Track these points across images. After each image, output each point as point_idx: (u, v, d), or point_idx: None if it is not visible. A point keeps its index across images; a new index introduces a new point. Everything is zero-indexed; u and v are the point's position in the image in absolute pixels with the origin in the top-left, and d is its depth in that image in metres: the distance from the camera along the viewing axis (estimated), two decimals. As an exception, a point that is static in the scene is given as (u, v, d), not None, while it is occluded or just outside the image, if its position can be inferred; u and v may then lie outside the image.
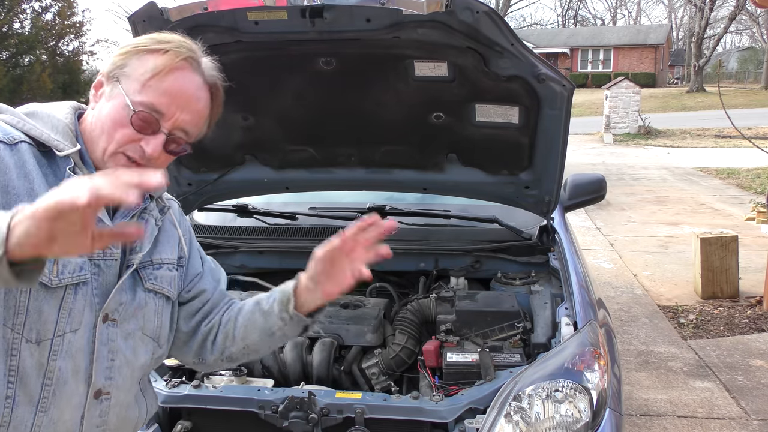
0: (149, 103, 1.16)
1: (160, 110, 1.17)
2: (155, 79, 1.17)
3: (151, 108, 1.17)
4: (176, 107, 1.18)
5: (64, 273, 1.12)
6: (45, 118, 1.20)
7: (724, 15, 40.08)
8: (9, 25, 12.59)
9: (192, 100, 1.21)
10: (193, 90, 1.21)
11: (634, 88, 19.61)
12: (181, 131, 1.21)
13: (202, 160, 2.70)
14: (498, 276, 2.64)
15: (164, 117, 1.18)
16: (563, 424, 1.74)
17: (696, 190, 10.99)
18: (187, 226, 1.47)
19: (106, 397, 1.21)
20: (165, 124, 1.18)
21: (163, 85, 1.17)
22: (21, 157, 1.12)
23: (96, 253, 1.17)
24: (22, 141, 1.14)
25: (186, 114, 1.20)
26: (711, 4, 34.86)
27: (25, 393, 1.11)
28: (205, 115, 1.26)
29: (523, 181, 2.61)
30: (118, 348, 1.22)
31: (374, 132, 2.51)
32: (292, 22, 1.90)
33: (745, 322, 4.98)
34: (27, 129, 1.16)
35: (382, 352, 2.25)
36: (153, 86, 1.17)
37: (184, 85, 1.20)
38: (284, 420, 1.85)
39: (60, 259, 1.11)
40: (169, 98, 1.18)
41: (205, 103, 1.25)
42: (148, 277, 1.29)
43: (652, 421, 3.54)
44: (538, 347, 2.14)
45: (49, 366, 1.12)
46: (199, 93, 1.23)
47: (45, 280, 1.09)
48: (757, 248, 6.77)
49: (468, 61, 2.08)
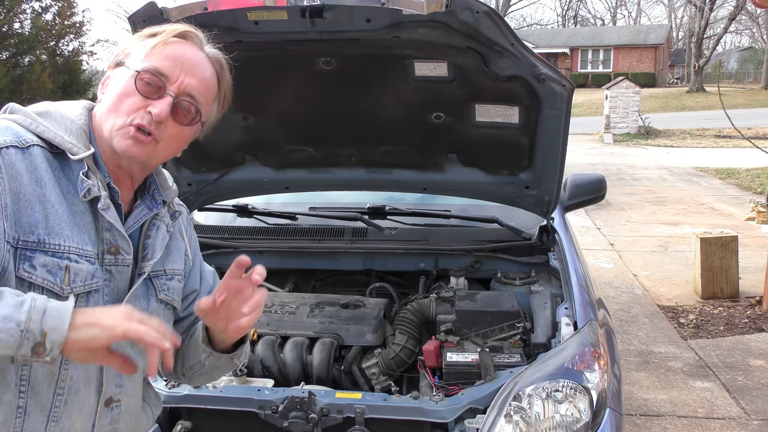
0: (153, 66, 1.15)
1: (165, 73, 1.15)
2: (158, 47, 1.16)
3: (155, 71, 1.15)
4: (180, 70, 1.16)
5: (75, 282, 1.10)
6: (58, 118, 1.17)
7: (724, 15, 40.07)
8: (9, 25, 12.59)
9: (197, 65, 1.19)
10: (197, 58, 1.20)
11: (634, 88, 19.61)
12: (188, 96, 1.18)
13: (202, 160, 2.70)
14: (498, 276, 2.64)
15: (169, 80, 1.16)
16: (563, 424, 1.74)
17: (696, 190, 10.99)
18: (193, 238, 1.45)
19: (116, 405, 1.21)
20: (171, 87, 1.16)
21: (166, 51, 1.16)
22: (33, 161, 1.09)
23: (107, 259, 1.16)
24: (35, 144, 1.11)
25: (191, 78, 1.18)
26: (711, 4, 34.85)
27: (37, 403, 1.09)
28: (213, 89, 1.24)
29: (523, 181, 2.61)
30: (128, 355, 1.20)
31: (374, 132, 2.51)
32: (292, 22, 1.90)
33: (745, 322, 4.98)
34: (40, 131, 1.13)
35: (382, 352, 2.25)
36: (156, 52, 1.16)
37: (186, 52, 1.19)
38: (284, 420, 1.85)
39: (71, 268, 1.09)
40: (173, 61, 1.16)
41: (211, 74, 1.22)
42: (161, 287, 1.27)
43: (652, 421, 3.53)
44: (538, 347, 2.14)
45: (60, 375, 1.11)
46: (204, 63, 1.21)
47: (56, 289, 1.08)
48: (757, 248, 6.77)
49: (468, 61, 2.08)
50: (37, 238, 1.06)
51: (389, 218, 2.88)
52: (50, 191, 1.09)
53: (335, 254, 2.81)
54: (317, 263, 2.86)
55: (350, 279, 2.92)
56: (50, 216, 1.08)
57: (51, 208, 1.08)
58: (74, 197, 1.13)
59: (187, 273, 1.40)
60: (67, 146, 1.13)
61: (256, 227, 2.95)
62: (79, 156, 1.13)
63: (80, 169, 1.13)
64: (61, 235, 1.08)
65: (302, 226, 2.93)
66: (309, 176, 2.79)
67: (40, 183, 1.09)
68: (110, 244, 1.16)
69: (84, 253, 1.11)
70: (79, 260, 1.10)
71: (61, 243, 1.08)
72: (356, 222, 2.86)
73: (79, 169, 1.13)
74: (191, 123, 1.20)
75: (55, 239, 1.08)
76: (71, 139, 1.14)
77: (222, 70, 1.25)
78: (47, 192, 1.09)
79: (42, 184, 1.09)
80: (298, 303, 2.48)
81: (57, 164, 1.13)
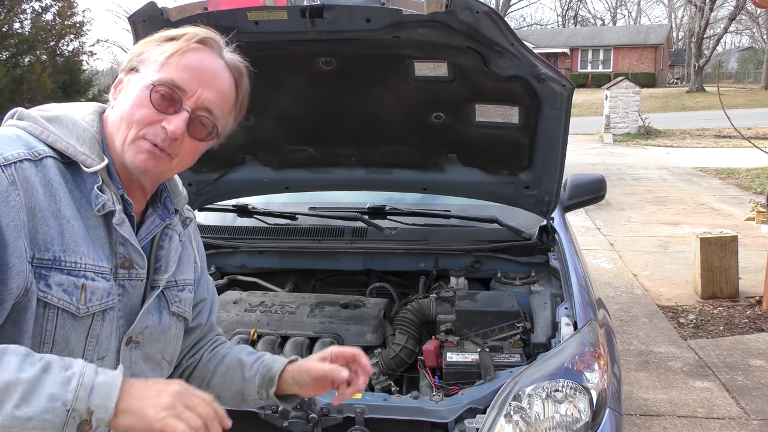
0: (169, 79, 1.08)
1: (181, 86, 1.09)
2: (175, 56, 1.10)
3: (172, 84, 1.08)
4: (198, 83, 1.10)
5: (92, 300, 1.06)
6: (70, 126, 1.10)
7: (724, 15, 40.08)
8: (9, 25, 12.58)
9: (215, 77, 1.13)
10: (215, 68, 1.14)
11: (634, 88, 19.61)
12: (206, 111, 1.12)
13: (202, 160, 2.67)
14: (498, 276, 2.64)
15: (186, 94, 1.10)
16: (563, 424, 1.74)
17: (696, 190, 10.99)
18: (200, 244, 1.41)
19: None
20: (187, 102, 1.10)
21: (183, 61, 1.10)
22: (46, 174, 1.03)
23: (121, 273, 1.12)
24: (48, 156, 1.05)
25: (209, 92, 1.12)
26: (711, 4, 34.84)
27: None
28: (231, 100, 1.18)
29: (523, 181, 2.61)
30: (141, 371, 1.18)
31: (374, 132, 2.51)
32: (292, 22, 1.90)
33: (744, 322, 4.98)
34: (51, 141, 1.07)
35: (382, 352, 2.25)
36: (173, 63, 1.09)
37: (205, 61, 1.12)
38: (284, 420, 1.85)
39: (88, 286, 1.05)
40: (190, 73, 1.10)
41: (229, 84, 1.16)
42: (173, 299, 1.24)
43: (651, 421, 3.54)
44: (538, 347, 2.14)
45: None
46: (223, 73, 1.15)
47: (72, 309, 1.04)
48: (756, 248, 6.77)
49: (468, 61, 2.08)
50: (53, 256, 1.02)
51: (389, 218, 2.88)
52: (65, 206, 1.04)
53: (335, 254, 2.81)
54: (317, 263, 2.86)
55: (350, 279, 2.92)
56: (66, 232, 1.03)
57: (67, 224, 1.04)
58: (88, 211, 1.08)
59: (196, 281, 1.36)
60: (81, 158, 1.07)
61: (256, 227, 2.95)
62: (93, 169, 1.08)
63: (94, 182, 1.08)
64: (77, 252, 1.04)
65: (302, 226, 2.93)
66: (309, 176, 2.79)
67: (55, 197, 1.03)
68: (124, 258, 1.12)
69: (100, 269, 1.07)
70: (96, 278, 1.06)
71: (78, 260, 1.04)
72: (356, 222, 2.86)
73: (93, 182, 1.08)
74: (207, 138, 1.15)
75: (71, 257, 1.03)
76: (84, 150, 1.08)
77: (240, 77, 1.20)
78: (62, 207, 1.04)
79: (56, 198, 1.03)
80: (298, 303, 2.48)
81: (69, 176, 1.07)
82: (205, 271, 1.43)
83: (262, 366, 1.35)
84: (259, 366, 1.35)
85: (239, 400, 1.37)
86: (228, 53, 1.18)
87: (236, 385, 1.36)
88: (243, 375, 1.35)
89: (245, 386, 1.35)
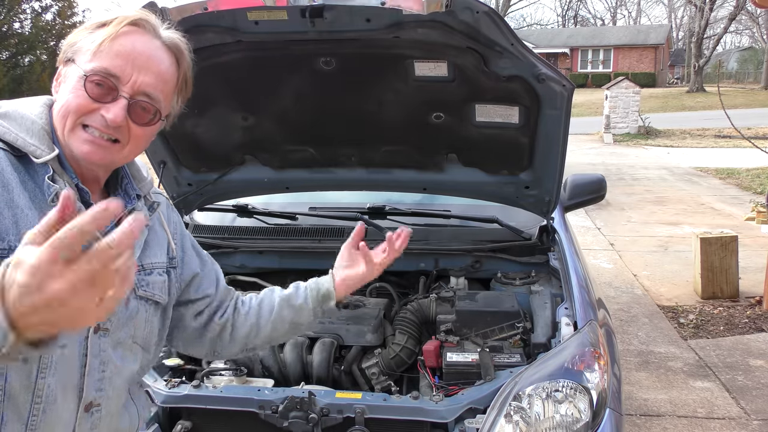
0: (102, 68, 1.08)
1: (115, 73, 1.08)
2: (106, 43, 1.08)
3: (105, 72, 1.08)
4: (132, 68, 1.09)
5: None
6: (18, 119, 1.10)
7: (724, 15, 40.08)
8: (9, 25, 12.60)
9: (150, 59, 1.11)
10: (150, 50, 1.12)
11: (634, 88, 19.60)
12: (144, 95, 1.11)
13: (202, 160, 2.70)
14: (498, 276, 2.64)
15: (121, 80, 1.09)
16: (563, 424, 1.74)
17: (696, 190, 10.99)
18: (177, 223, 1.41)
19: (96, 409, 1.17)
20: (124, 89, 1.09)
21: (115, 47, 1.09)
22: None
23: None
24: None
25: (146, 75, 1.10)
26: (711, 4, 34.83)
27: (14, 412, 1.05)
28: (172, 80, 1.17)
29: (523, 181, 2.61)
30: (109, 358, 1.17)
31: (374, 132, 2.51)
32: (292, 22, 1.90)
33: (745, 322, 4.98)
34: (0, 134, 1.08)
35: (382, 352, 2.25)
36: (104, 50, 1.08)
37: (137, 44, 1.10)
38: (284, 420, 1.85)
39: None
40: (123, 59, 1.09)
41: (168, 65, 1.15)
42: (139, 283, 1.23)
43: (652, 421, 3.53)
44: (538, 347, 2.14)
45: (37, 384, 1.06)
46: (159, 53, 1.13)
47: None
48: (757, 248, 6.76)
49: (468, 61, 2.08)
50: (8, 245, 1.00)
51: (389, 218, 2.88)
52: (18, 196, 1.04)
53: (335, 254, 2.80)
54: (317, 263, 2.85)
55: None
56: (20, 221, 1.03)
57: (21, 213, 1.03)
58: (42, 201, 1.07)
59: (179, 261, 1.36)
60: (30, 149, 1.08)
61: (256, 227, 2.95)
62: (43, 159, 1.08)
63: (45, 172, 1.08)
64: None
65: (302, 226, 2.93)
66: (309, 176, 2.79)
67: (7, 188, 1.03)
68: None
69: None
70: None
71: None
72: (356, 222, 2.86)
73: (45, 172, 1.08)
74: (151, 123, 1.15)
75: None
76: (34, 141, 1.09)
77: (181, 55, 1.18)
78: (15, 197, 1.03)
79: (9, 188, 1.04)
80: (298, 303, 2.47)
81: (22, 168, 1.08)
82: (190, 249, 1.42)
83: (307, 290, 1.52)
84: (304, 292, 1.52)
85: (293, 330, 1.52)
86: (165, 32, 1.17)
87: (287, 318, 1.49)
88: (292, 305, 1.49)
89: (297, 314, 1.49)
